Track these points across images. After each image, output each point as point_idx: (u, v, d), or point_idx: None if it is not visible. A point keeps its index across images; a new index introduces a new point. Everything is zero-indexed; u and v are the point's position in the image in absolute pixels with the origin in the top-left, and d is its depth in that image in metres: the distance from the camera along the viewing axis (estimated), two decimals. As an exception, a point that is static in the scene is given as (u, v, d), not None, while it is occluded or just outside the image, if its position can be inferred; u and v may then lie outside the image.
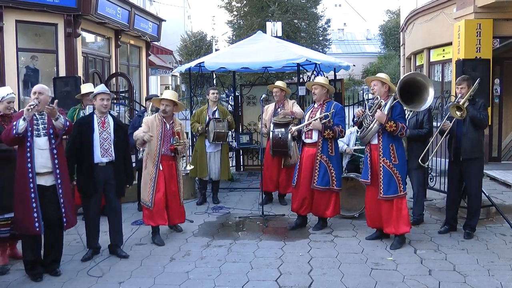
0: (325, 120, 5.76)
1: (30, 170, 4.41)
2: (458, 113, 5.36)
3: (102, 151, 5.04)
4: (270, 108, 7.38)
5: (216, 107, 7.59)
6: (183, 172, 8.14)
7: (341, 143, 6.76)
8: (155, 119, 5.66)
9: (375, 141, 5.36)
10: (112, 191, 5.15)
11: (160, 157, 5.58)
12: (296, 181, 6.00)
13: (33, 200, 4.42)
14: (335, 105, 5.93)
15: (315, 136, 5.86)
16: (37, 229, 4.44)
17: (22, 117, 4.31)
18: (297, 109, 7.17)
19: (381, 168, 5.29)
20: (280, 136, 6.69)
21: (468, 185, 5.66)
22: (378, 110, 5.26)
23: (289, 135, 6.55)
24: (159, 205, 5.54)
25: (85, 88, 6.57)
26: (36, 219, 4.43)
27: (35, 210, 4.43)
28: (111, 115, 5.26)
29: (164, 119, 5.66)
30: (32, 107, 4.32)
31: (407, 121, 5.71)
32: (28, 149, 4.41)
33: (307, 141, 5.94)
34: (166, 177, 5.62)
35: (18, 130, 4.26)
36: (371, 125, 5.32)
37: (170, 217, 5.72)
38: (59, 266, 4.73)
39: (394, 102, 5.26)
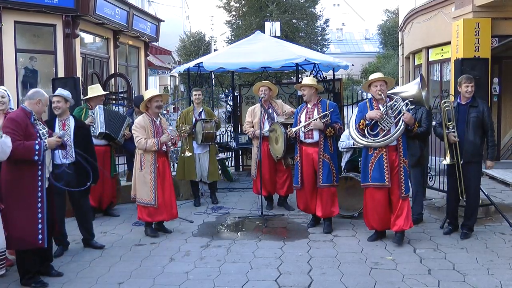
0: (325, 119, 5.78)
1: (40, 178, 4.27)
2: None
3: (64, 152, 5.01)
4: (256, 110, 6.96)
5: (202, 108, 7.48)
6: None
7: (345, 141, 6.79)
8: (144, 120, 5.79)
9: (394, 142, 5.29)
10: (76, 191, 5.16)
11: (156, 155, 5.77)
12: (301, 182, 6.00)
13: (39, 210, 4.25)
14: (330, 103, 6.00)
15: (316, 135, 5.86)
16: (40, 241, 4.26)
17: (45, 144, 4.21)
18: (292, 108, 7.12)
19: (401, 169, 5.29)
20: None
21: (467, 186, 5.62)
22: (405, 112, 5.18)
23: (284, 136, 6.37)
24: (162, 202, 5.81)
25: (94, 90, 6.71)
26: (40, 231, 4.25)
27: (40, 221, 4.25)
28: (73, 116, 5.43)
29: (153, 117, 5.82)
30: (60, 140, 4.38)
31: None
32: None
33: (308, 141, 5.93)
34: (161, 174, 5.83)
35: (41, 158, 4.16)
36: (398, 127, 5.19)
37: (167, 213, 5.92)
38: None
39: (408, 107, 5.24)
